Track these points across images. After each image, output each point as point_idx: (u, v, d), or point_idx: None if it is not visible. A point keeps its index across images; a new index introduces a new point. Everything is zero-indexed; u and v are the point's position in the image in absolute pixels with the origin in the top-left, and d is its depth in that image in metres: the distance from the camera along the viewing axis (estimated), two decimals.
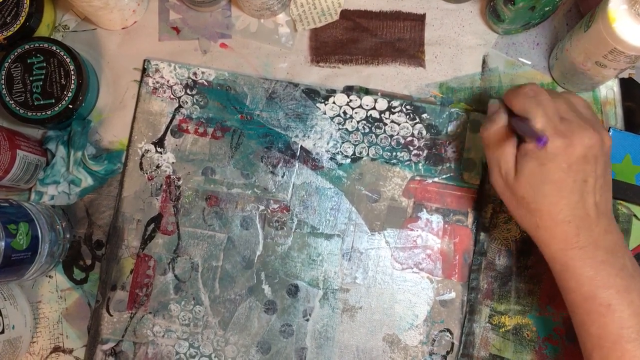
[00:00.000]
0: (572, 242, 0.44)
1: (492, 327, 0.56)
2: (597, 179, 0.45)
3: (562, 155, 0.44)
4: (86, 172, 0.57)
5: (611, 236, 0.45)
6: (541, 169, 0.44)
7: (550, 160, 0.44)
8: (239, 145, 0.58)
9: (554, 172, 0.44)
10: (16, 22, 0.56)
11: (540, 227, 0.45)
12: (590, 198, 0.45)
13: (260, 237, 0.57)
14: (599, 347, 0.44)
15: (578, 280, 0.44)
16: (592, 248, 0.44)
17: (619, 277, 0.43)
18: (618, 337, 0.43)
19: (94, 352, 0.56)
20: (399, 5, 0.60)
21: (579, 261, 0.44)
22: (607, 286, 0.43)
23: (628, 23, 0.46)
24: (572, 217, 0.44)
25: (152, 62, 0.59)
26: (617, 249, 0.45)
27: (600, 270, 0.44)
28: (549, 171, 0.44)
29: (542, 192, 0.45)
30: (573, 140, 0.44)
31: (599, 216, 0.45)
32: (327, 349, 0.56)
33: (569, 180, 0.44)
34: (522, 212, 0.47)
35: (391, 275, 0.57)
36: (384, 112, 0.58)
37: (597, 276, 0.44)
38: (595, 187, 0.45)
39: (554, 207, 0.45)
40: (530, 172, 0.45)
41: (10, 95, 0.56)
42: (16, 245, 0.50)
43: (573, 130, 0.44)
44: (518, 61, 0.59)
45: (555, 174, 0.44)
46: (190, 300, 0.57)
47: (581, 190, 0.44)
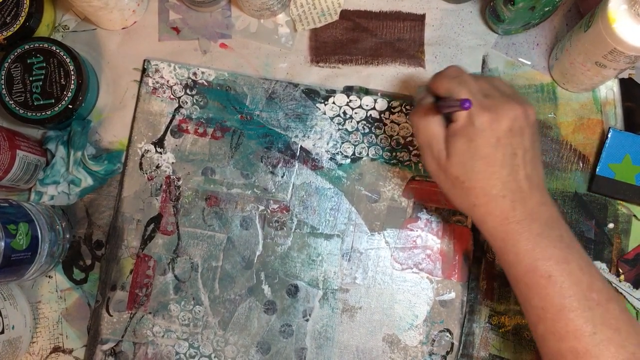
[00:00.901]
0: (509, 217, 0.45)
1: (491, 327, 0.56)
2: (526, 151, 0.45)
3: (489, 129, 0.44)
4: (86, 172, 0.57)
5: (546, 208, 0.45)
6: (470, 146, 0.45)
7: (478, 136, 0.44)
8: (238, 146, 0.58)
9: (483, 147, 0.44)
10: (16, 22, 0.56)
11: (477, 205, 0.46)
12: (521, 171, 0.45)
13: (260, 237, 0.57)
14: (543, 318, 0.44)
15: (517, 254, 0.44)
16: (528, 221, 0.44)
17: (557, 248, 0.44)
18: (560, 307, 0.43)
19: (93, 352, 0.56)
20: (399, 6, 0.60)
21: (516, 235, 0.44)
22: (546, 258, 0.44)
23: (628, 23, 0.46)
24: (505, 191, 0.45)
25: (152, 62, 0.59)
26: (552, 221, 0.45)
27: (537, 242, 0.44)
28: (478, 147, 0.44)
29: (474, 169, 0.45)
30: (498, 114, 0.44)
31: (532, 189, 0.45)
32: (326, 349, 0.56)
33: (498, 154, 0.44)
34: (458, 192, 0.47)
35: (391, 276, 0.57)
36: (383, 112, 0.58)
37: (535, 248, 0.44)
38: (525, 159, 0.45)
39: (487, 182, 0.45)
40: (460, 150, 0.45)
41: (10, 95, 0.56)
42: (16, 246, 0.50)
43: (497, 104, 0.45)
44: (518, 61, 0.59)
45: (485, 148, 0.44)
46: (190, 301, 0.57)
47: (511, 164, 0.45)
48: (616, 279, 0.56)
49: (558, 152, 0.58)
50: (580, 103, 0.58)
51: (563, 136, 0.58)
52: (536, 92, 0.59)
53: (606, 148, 0.56)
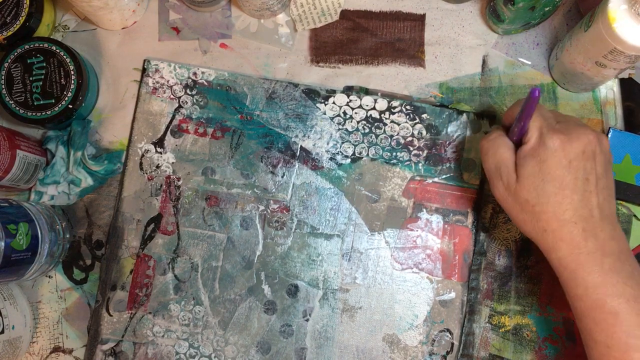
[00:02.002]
0: (580, 247, 0.44)
1: (492, 327, 0.56)
2: (599, 178, 0.45)
3: (560, 150, 0.44)
4: (86, 172, 0.57)
5: (617, 243, 0.45)
6: (542, 167, 0.44)
7: (550, 157, 0.44)
8: (238, 146, 0.58)
9: (555, 168, 0.44)
10: (16, 22, 0.56)
11: (547, 231, 0.45)
12: (593, 198, 0.45)
13: (260, 237, 0.57)
14: (607, 356, 0.43)
15: (586, 288, 0.44)
16: (600, 254, 0.44)
17: (628, 285, 0.43)
18: (626, 346, 0.42)
19: (93, 352, 0.56)
20: (399, 6, 0.60)
21: (586, 267, 0.44)
22: (616, 294, 0.43)
23: (628, 23, 0.46)
24: (577, 217, 0.44)
25: (152, 62, 0.59)
26: (624, 256, 0.44)
27: (608, 277, 0.43)
28: (550, 168, 0.44)
29: (545, 192, 0.45)
30: (571, 136, 0.44)
31: (603, 220, 0.45)
32: (326, 349, 0.56)
33: (570, 177, 0.44)
34: (527, 217, 0.46)
35: (391, 276, 0.57)
36: (383, 112, 0.58)
37: (605, 284, 0.43)
38: (597, 186, 0.45)
39: (559, 206, 0.44)
40: (531, 172, 0.45)
41: (10, 95, 0.56)
42: (16, 246, 0.50)
43: (570, 128, 0.45)
44: (518, 61, 0.59)
45: (556, 170, 0.44)
46: (190, 301, 0.57)
47: (583, 189, 0.44)
48: None
49: None
50: (581, 103, 0.58)
51: None
52: None
53: None
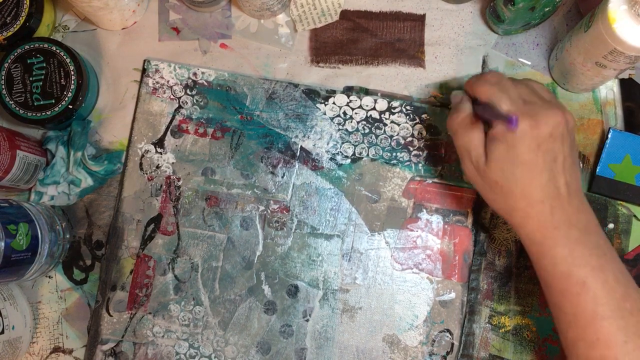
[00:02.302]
0: (547, 222, 0.45)
1: (492, 328, 0.56)
2: (566, 157, 0.46)
3: (530, 135, 0.44)
4: (86, 173, 0.57)
5: (584, 215, 0.46)
6: (511, 152, 0.45)
7: (519, 142, 0.45)
8: (239, 146, 0.58)
9: (524, 153, 0.45)
10: (16, 22, 0.56)
11: (515, 209, 0.46)
12: (560, 177, 0.45)
13: (260, 238, 0.57)
14: (575, 325, 0.44)
15: (553, 259, 0.45)
16: (566, 227, 0.45)
17: (593, 255, 0.44)
18: (593, 314, 0.43)
19: (93, 352, 0.56)
20: (399, 6, 0.60)
21: (553, 240, 0.45)
22: (582, 265, 0.44)
23: (628, 23, 0.46)
24: (545, 196, 0.45)
25: (152, 62, 0.59)
26: (590, 228, 0.45)
27: (574, 249, 0.44)
28: (519, 153, 0.45)
29: (514, 175, 0.45)
30: (539, 120, 0.44)
31: (571, 195, 0.45)
32: (327, 350, 0.56)
33: (539, 160, 0.45)
34: (496, 197, 0.47)
35: (391, 276, 0.57)
36: (383, 113, 0.58)
37: (571, 255, 0.44)
38: (564, 165, 0.45)
39: (527, 188, 0.45)
40: (500, 156, 0.45)
41: (10, 95, 0.56)
42: (16, 246, 0.50)
43: (537, 111, 0.45)
44: (518, 61, 0.59)
45: (526, 155, 0.45)
46: (190, 301, 0.57)
47: (551, 169, 0.45)
48: None
49: None
50: (581, 103, 0.58)
51: None
52: None
53: (606, 148, 0.56)
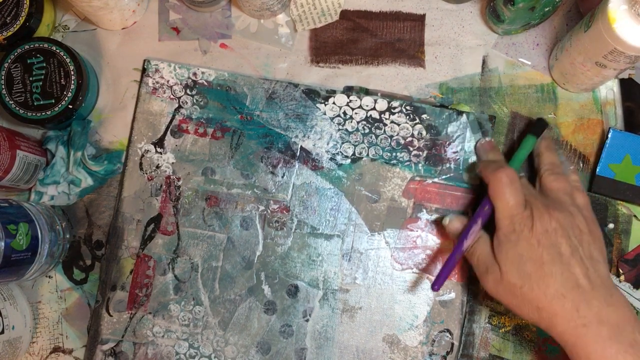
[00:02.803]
0: (574, 319, 0.44)
1: (492, 328, 0.56)
2: (574, 249, 0.46)
3: (527, 232, 0.47)
4: (86, 172, 0.57)
5: (615, 309, 0.45)
6: (516, 250, 0.47)
7: (520, 239, 0.47)
8: (238, 146, 0.58)
9: (527, 248, 0.47)
10: (16, 22, 0.56)
11: (540, 308, 0.46)
12: (575, 268, 0.46)
13: (260, 238, 0.57)
14: None
15: (588, 359, 0.44)
16: (596, 324, 0.44)
17: (629, 353, 0.43)
18: None
19: (93, 352, 0.56)
20: (399, 6, 0.60)
21: (585, 339, 0.44)
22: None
23: (628, 23, 0.46)
24: (564, 290, 0.45)
25: (152, 62, 0.59)
26: (624, 323, 0.44)
27: (607, 347, 0.43)
28: (523, 249, 0.47)
29: (526, 273, 0.46)
30: (534, 219, 0.47)
31: (595, 288, 0.45)
32: (326, 350, 0.56)
33: (543, 253, 0.46)
34: (520, 302, 0.47)
35: (391, 276, 0.57)
36: (383, 113, 0.58)
37: (604, 354, 0.43)
38: (575, 256, 0.46)
39: (542, 282, 0.46)
40: (509, 257, 0.47)
41: (10, 95, 0.56)
42: (16, 246, 0.50)
43: (535, 208, 0.48)
44: (518, 61, 0.59)
45: (529, 250, 0.47)
46: (190, 301, 0.57)
47: (561, 262, 0.46)
48: (616, 279, 0.56)
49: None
50: (581, 103, 0.58)
51: (563, 136, 0.58)
52: (536, 92, 0.59)
53: (606, 148, 0.56)
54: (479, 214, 0.51)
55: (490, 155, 0.55)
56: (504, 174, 0.49)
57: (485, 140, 0.56)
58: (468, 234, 0.51)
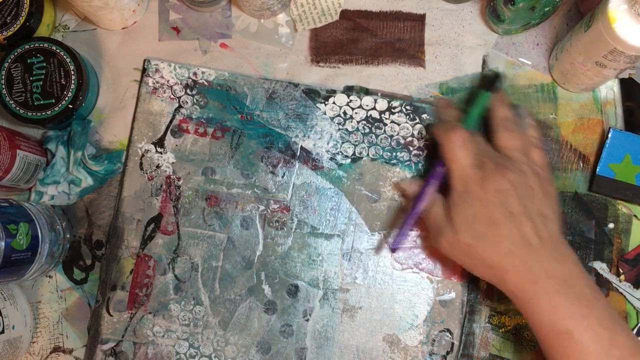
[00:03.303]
0: (524, 275, 0.45)
1: (492, 327, 0.56)
2: (526, 207, 0.47)
3: (479, 191, 0.47)
4: (86, 172, 0.57)
5: (562, 264, 0.46)
6: (469, 210, 0.48)
7: (472, 199, 0.48)
8: (239, 146, 0.58)
9: (479, 208, 0.47)
10: (16, 22, 0.56)
11: (492, 266, 0.47)
12: (525, 227, 0.46)
13: (260, 237, 0.57)
14: None
15: (537, 313, 0.45)
16: (544, 278, 0.45)
17: (575, 305, 0.44)
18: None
19: (94, 352, 0.56)
20: (399, 6, 0.60)
21: (534, 293, 0.45)
22: (565, 316, 0.44)
23: (628, 23, 0.46)
24: (513, 247, 0.46)
25: (152, 62, 0.59)
26: (571, 277, 0.45)
27: (554, 299, 0.44)
28: (476, 209, 0.47)
29: (478, 232, 0.47)
30: (486, 178, 0.48)
31: (543, 244, 0.46)
32: (327, 349, 0.56)
33: (495, 212, 0.47)
34: (474, 261, 0.48)
35: (391, 276, 0.57)
36: (384, 113, 0.58)
37: (552, 306, 0.44)
38: (525, 215, 0.47)
39: (494, 241, 0.47)
40: (461, 218, 0.48)
41: (10, 95, 0.56)
42: (16, 246, 0.50)
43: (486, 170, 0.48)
44: (518, 61, 0.59)
45: (480, 209, 0.47)
46: (190, 301, 0.57)
47: (511, 221, 0.46)
48: (616, 279, 0.56)
49: (558, 152, 0.58)
50: (581, 103, 0.58)
51: (563, 136, 0.58)
52: (536, 92, 0.59)
53: (606, 148, 0.56)
54: (433, 176, 0.52)
55: (446, 113, 0.55)
56: (456, 135, 0.49)
57: (441, 97, 0.56)
58: (423, 196, 0.51)
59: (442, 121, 0.55)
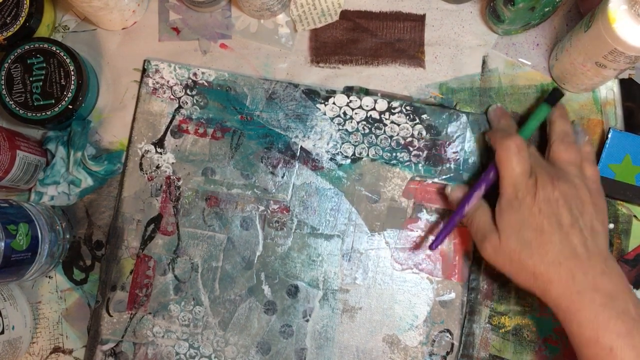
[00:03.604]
0: (569, 286, 0.45)
1: (492, 328, 0.56)
2: (575, 219, 0.47)
3: (530, 200, 0.47)
4: (86, 173, 0.57)
5: (609, 278, 0.45)
6: (518, 216, 0.48)
7: (522, 206, 0.48)
8: (239, 146, 0.58)
9: (528, 216, 0.47)
10: (16, 22, 0.56)
11: (536, 275, 0.47)
12: (574, 238, 0.46)
13: (260, 238, 0.57)
14: None
15: (579, 325, 0.45)
16: (590, 291, 0.45)
17: (620, 320, 0.43)
18: None
19: (93, 352, 0.56)
20: (399, 6, 0.60)
21: (578, 305, 0.45)
22: (608, 330, 0.43)
23: (628, 23, 0.46)
24: (561, 257, 0.46)
25: (152, 62, 0.59)
26: (617, 292, 0.45)
27: (599, 313, 0.44)
28: (524, 216, 0.47)
29: (525, 239, 0.47)
30: (538, 187, 0.48)
31: (591, 257, 0.46)
32: (327, 350, 0.56)
33: (544, 221, 0.47)
34: (517, 268, 0.48)
35: (391, 276, 0.57)
36: (383, 113, 0.58)
37: (596, 320, 0.44)
38: (575, 227, 0.47)
39: (541, 249, 0.46)
40: (509, 224, 0.48)
41: (10, 95, 0.56)
42: (16, 246, 0.50)
43: (539, 177, 0.48)
44: (518, 61, 0.59)
45: (530, 217, 0.47)
46: (190, 301, 0.57)
47: (560, 231, 0.46)
48: None
49: None
50: (580, 103, 0.58)
51: None
52: (536, 92, 0.59)
53: (606, 148, 0.56)
54: (484, 180, 0.52)
55: (502, 121, 0.55)
56: (512, 142, 0.49)
57: (497, 105, 0.57)
58: (471, 199, 0.51)
59: (499, 128, 0.55)
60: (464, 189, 0.54)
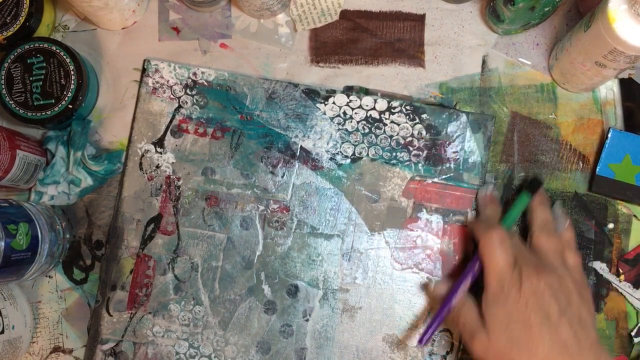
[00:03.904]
0: None
1: None
2: (564, 311, 0.46)
3: (515, 293, 0.47)
4: (86, 172, 0.57)
5: None
6: (504, 311, 0.47)
7: (507, 300, 0.47)
8: (238, 146, 0.58)
9: (515, 310, 0.47)
10: (16, 22, 0.56)
11: None
12: (563, 331, 0.46)
13: (260, 237, 0.57)
14: None
15: None
16: None
17: None
18: None
19: (93, 352, 0.56)
20: (399, 6, 0.60)
21: None
22: None
23: (628, 23, 0.46)
24: (552, 353, 0.45)
25: (152, 62, 0.59)
26: None
27: None
28: (511, 311, 0.47)
29: (514, 334, 0.46)
30: (523, 281, 0.47)
31: (582, 349, 0.46)
32: (326, 349, 0.56)
33: (531, 315, 0.46)
34: None
35: (391, 276, 0.57)
36: (383, 113, 0.58)
37: None
38: (563, 318, 0.46)
39: (530, 344, 0.46)
40: (495, 319, 0.47)
41: (10, 95, 0.56)
42: (16, 246, 0.50)
43: (524, 270, 0.48)
44: (518, 61, 0.59)
45: (517, 312, 0.46)
46: (190, 301, 0.57)
47: (549, 325, 0.46)
48: (616, 279, 0.56)
49: (558, 152, 0.58)
50: (580, 103, 0.58)
51: (563, 136, 0.58)
52: (536, 92, 0.59)
53: (606, 148, 0.56)
54: (469, 272, 0.51)
55: (488, 209, 0.55)
56: (495, 233, 0.49)
57: (487, 192, 0.56)
58: (457, 291, 0.51)
59: (483, 217, 0.55)
60: (448, 284, 0.53)
